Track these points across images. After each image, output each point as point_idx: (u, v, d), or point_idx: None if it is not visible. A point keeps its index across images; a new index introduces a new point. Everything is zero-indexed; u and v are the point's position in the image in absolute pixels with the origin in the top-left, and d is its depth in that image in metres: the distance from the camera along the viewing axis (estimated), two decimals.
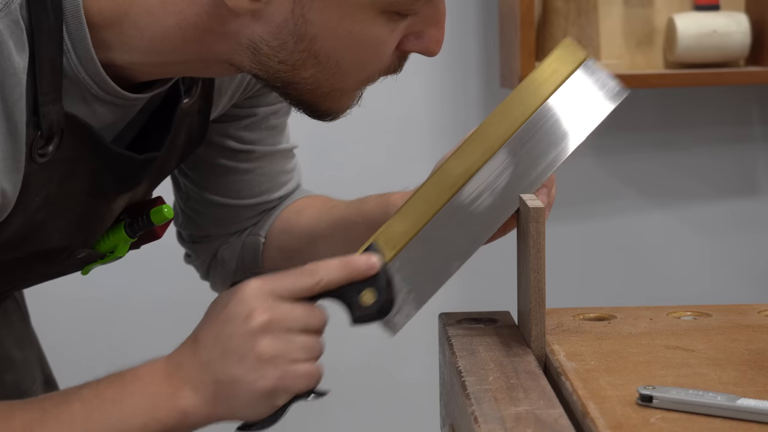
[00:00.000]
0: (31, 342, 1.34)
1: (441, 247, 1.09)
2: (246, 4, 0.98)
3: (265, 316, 1.02)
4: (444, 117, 2.35)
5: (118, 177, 1.10)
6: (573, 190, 2.38)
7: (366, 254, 1.06)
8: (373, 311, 1.06)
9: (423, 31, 1.05)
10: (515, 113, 1.09)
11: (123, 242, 1.17)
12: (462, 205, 1.09)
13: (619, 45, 2.28)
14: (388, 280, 1.06)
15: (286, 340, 1.02)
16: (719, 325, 1.13)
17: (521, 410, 0.90)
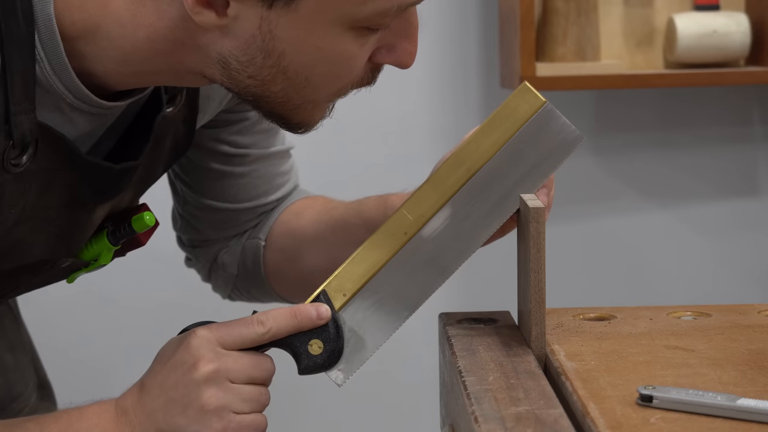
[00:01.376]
0: (24, 345, 1.34)
1: (392, 296, 1.08)
2: (213, 20, 0.98)
3: (210, 366, 1.02)
4: (444, 117, 2.35)
5: (96, 187, 1.09)
6: (573, 190, 2.38)
7: (316, 303, 1.06)
8: (320, 361, 1.06)
9: (395, 44, 1.04)
10: (471, 160, 1.09)
11: (106, 250, 1.17)
12: (414, 254, 1.09)
13: (619, 45, 2.28)
14: (337, 329, 1.06)
15: (231, 391, 1.02)
16: (719, 325, 1.13)
17: (521, 410, 0.90)
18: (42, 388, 1.37)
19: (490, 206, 1.09)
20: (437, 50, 2.32)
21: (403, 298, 1.09)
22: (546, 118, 1.09)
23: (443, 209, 1.09)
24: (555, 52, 2.20)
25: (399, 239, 1.09)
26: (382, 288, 1.08)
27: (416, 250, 1.09)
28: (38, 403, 1.34)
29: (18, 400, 1.28)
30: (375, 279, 1.08)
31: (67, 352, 2.26)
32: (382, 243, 1.09)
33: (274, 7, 0.97)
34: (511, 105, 1.09)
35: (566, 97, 2.30)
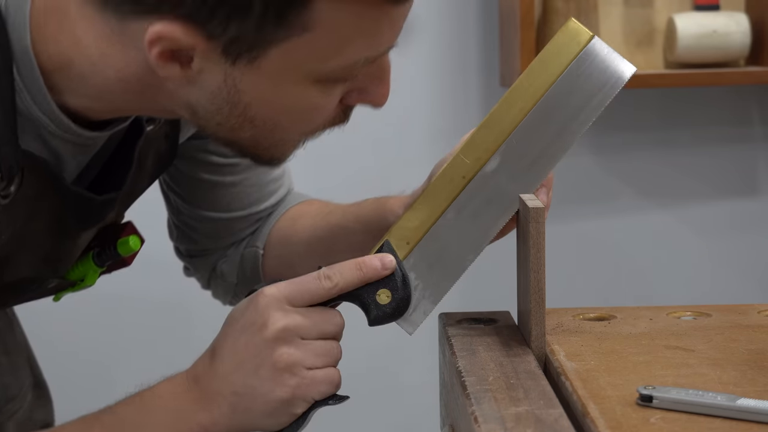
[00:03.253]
0: (19, 346, 1.34)
1: (454, 241, 1.09)
2: (177, 73, 0.98)
3: (279, 324, 1.02)
4: (444, 117, 2.35)
5: (80, 215, 1.10)
6: (573, 190, 2.38)
7: (380, 254, 1.06)
8: (389, 310, 1.06)
9: (367, 87, 1.04)
10: (521, 101, 1.09)
11: (92, 271, 1.17)
12: (473, 196, 1.09)
13: (619, 45, 2.28)
14: (403, 278, 1.07)
15: (302, 347, 1.02)
16: (719, 325, 1.13)
17: (521, 410, 0.90)
18: (38, 387, 1.37)
19: (547, 143, 1.09)
20: (437, 50, 2.32)
21: (465, 242, 1.09)
22: (595, 52, 1.09)
23: (500, 150, 1.09)
24: None
25: (458, 184, 1.08)
26: (444, 234, 1.08)
27: (476, 192, 1.08)
28: (34, 403, 1.34)
29: (13, 401, 1.28)
30: (437, 225, 1.08)
31: (63, 351, 2.26)
32: (441, 189, 1.09)
33: (237, 64, 0.97)
34: (558, 41, 1.09)
35: None
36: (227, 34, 0.94)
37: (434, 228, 1.08)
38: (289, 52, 0.96)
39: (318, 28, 0.95)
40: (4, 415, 1.26)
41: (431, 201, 1.09)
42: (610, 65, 1.09)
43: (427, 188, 1.09)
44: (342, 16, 0.95)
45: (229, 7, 0.93)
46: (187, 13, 0.93)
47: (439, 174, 1.09)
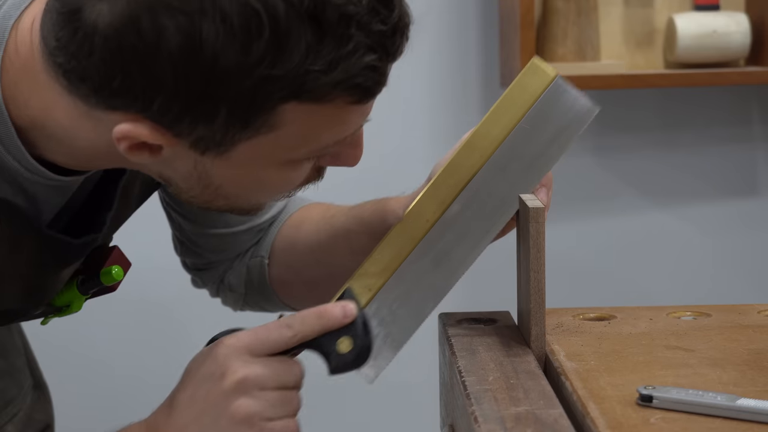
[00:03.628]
0: (17, 348, 1.34)
1: (417, 287, 1.08)
2: (147, 159, 0.98)
3: (239, 374, 1.01)
4: (444, 117, 2.34)
5: (58, 256, 1.10)
6: (573, 190, 2.37)
7: (341, 302, 1.05)
8: (350, 359, 1.06)
9: (340, 152, 1.04)
10: (486, 141, 1.08)
11: (77, 299, 1.18)
12: (437, 241, 1.08)
13: (619, 45, 2.28)
14: (364, 326, 1.05)
15: (261, 398, 1.01)
16: (719, 325, 1.13)
17: (521, 410, 0.90)
18: (38, 389, 1.37)
19: (512, 183, 1.09)
20: (437, 50, 2.32)
21: (428, 288, 1.08)
22: (558, 92, 1.08)
23: (463, 193, 1.08)
24: (555, 52, 2.20)
25: (420, 228, 1.08)
26: (406, 279, 1.08)
27: (438, 237, 1.08)
28: (33, 405, 1.34)
29: (12, 404, 1.28)
30: (399, 271, 1.08)
31: (63, 352, 2.26)
32: (404, 234, 1.08)
33: (206, 154, 0.98)
34: (522, 82, 1.08)
35: None
36: (194, 134, 0.95)
37: (396, 274, 1.07)
38: (257, 147, 0.97)
39: (284, 127, 0.96)
40: (3, 418, 1.26)
41: (394, 246, 1.08)
42: (574, 104, 1.09)
43: (390, 233, 1.09)
44: (308, 116, 0.95)
45: (194, 114, 0.94)
46: (153, 116, 0.94)
47: (402, 219, 1.09)
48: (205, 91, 0.92)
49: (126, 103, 0.94)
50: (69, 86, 0.97)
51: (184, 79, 0.91)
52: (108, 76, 0.93)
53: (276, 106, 0.94)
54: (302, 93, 0.93)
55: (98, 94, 0.95)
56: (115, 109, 0.95)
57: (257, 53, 0.91)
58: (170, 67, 0.91)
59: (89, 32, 0.92)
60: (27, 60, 1.00)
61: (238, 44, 0.90)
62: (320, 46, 0.92)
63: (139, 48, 0.91)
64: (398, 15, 0.97)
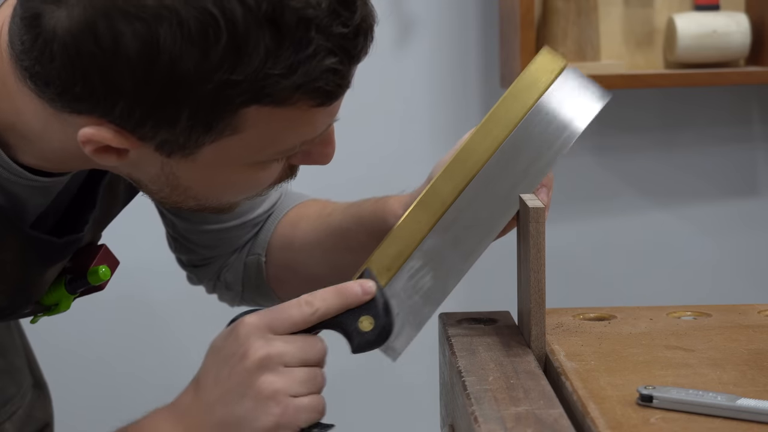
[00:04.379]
0: (17, 347, 1.34)
1: (437, 266, 1.08)
2: (114, 161, 0.99)
3: (261, 352, 1.01)
4: (444, 117, 2.34)
5: (42, 256, 1.10)
6: (573, 190, 2.37)
7: (360, 280, 1.06)
8: (372, 337, 1.06)
9: (311, 150, 1.04)
10: (500, 125, 1.09)
11: (65, 298, 1.18)
12: (454, 221, 1.09)
13: (619, 45, 2.28)
14: (385, 304, 1.06)
15: (285, 374, 1.02)
16: (719, 325, 1.13)
17: (521, 410, 0.90)
18: (38, 387, 1.37)
19: (526, 166, 1.09)
20: (437, 50, 2.32)
21: (447, 267, 1.08)
22: (569, 79, 1.09)
23: (479, 175, 1.09)
24: None
25: (437, 210, 1.08)
26: (425, 260, 1.08)
27: (455, 218, 1.08)
28: (33, 404, 1.34)
29: (11, 402, 1.28)
30: (417, 251, 1.08)
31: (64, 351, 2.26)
32: (421, 215, 1.08)
33: (172, 156, 0.98)
34: (533, 70, 1.09)
35: None
36: (157, 138, 0.96)
37: (415, 254, 1.08)
38: (223, 149, 0.97)
39: (248, 129, 0.96)
40: (2, 416, 1.26)
41: (411, 227, 1.08)
42: (584, 92, 1.09)
43: (407, 214, 1.09)
44: (271, 119, 0.95)
45: (156, 118, 0.94)
46: (116, 120, 0.94)
47: (419, 200, 1.09)
48: (165, 96, 0.92)
49: (89, 107, 0.95)
50: (36, 89, 0.97)
51: (144, 84, 0.92)
52: (69, 81, 0.94)
53: (237, 110, 0.94)
54: (263, 97, 0.93)
55: (62, 98, 0.95)
56: (80, 112, 0.96)
57: (216, 58, 0.91)
58: (129, 72, 0.91)
59: (49, 38, 0.93)
60: None
61: (196, 49, 0.90)
62: (279, 51, 0.92)
63: (97, 54, 0.91)
64: (360, 17, 0.96)
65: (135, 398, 2.17)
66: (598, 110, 1.10)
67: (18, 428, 1.28)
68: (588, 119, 1.10)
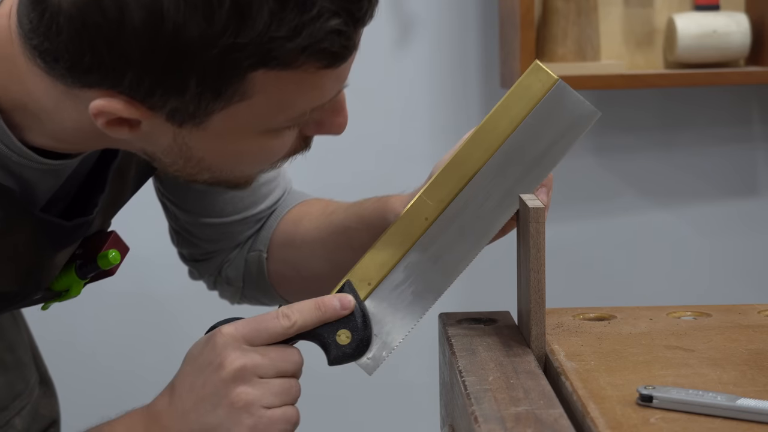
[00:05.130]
0: (24, 343, 1.34)
1: (417, 282, 1.09)
2: (127, 134, 0.99)
3: (237, 363, 1.02)
4: (444, 117, 2.34)
5: (52, 239, 1.10)
6: (573, 190, 2.38)
7: (340, 294, 1.06)
8: (349, 351, 1.06)
9: (323, 119, 1.04)
10: (487, 142, 1.09)
11: (76, 283, 1.18)
12: (436, 238, 1.09)
13: (619, 45, 2.28)
14: (363, 318, 1.06)
15: (260, 386, 1.02)
16: (719, 325, 1.13)
17: (521, 410, 0.90)
18: (43, 384, 1.37)
19: (511, 185, 1.09)
20: (437, 50, 2.32)
21: (427, 283, 1.09)
22: (559, 96, 1.09)
23: (463, 192, 1.09)
24: (555, 52, 2.20)
25: (420, 225, 1.09)
26: (406, 274, 1.08)
27: (438, 234, 1.09)
28: (40, 400, 1.34)
29: (19, 397, 1.28)
30: (398, 266, 1.08)
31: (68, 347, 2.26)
32: (404, 230, 1.09)
33: (183, 126, 0.98)
34: (524, 84, 1.09)
35: None
36: (168, 106, 0.96)
37: (396, 268, 1.08)
38: (233, 116, 0.97)
39: (257, 95, 0.96)
40: (11, 411, 1.26)
41: (393, 241, 1.09)
42: (575, 108, 1.09)
43: (390, 228, 1.09)
44: (280, 83, 0.95)
45: (165, 87, 0.94)
46: (126, 90, 0.95)
47: (402, 214, 1.09)
48: (172, 63, 0.92)
49: (98, 79, 0.95)
50: (46, 67, 0.97)
51: (150, 53, 0.92)
52: (78, 54, 0.94)
53: (245, 75, 0.94)
54: (269, 60, 0.93)
55: (72, 73, 0.96)
56: (90, 86, 0.96)
57: (220, 23, 0.91)
58: (135, 42, 0.92)
59: (55, 12, 0.93)
60: (5, 45, 1.00)
61: (200, 15, 0.91)
62: (283, 13, 0.92)
63: (103, 25, 0.92)
64: None
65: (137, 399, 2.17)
66: (587, 128, 1.10)
67: (26, 424, 1.29)
68: (577, 137, 1.10)
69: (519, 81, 1.09)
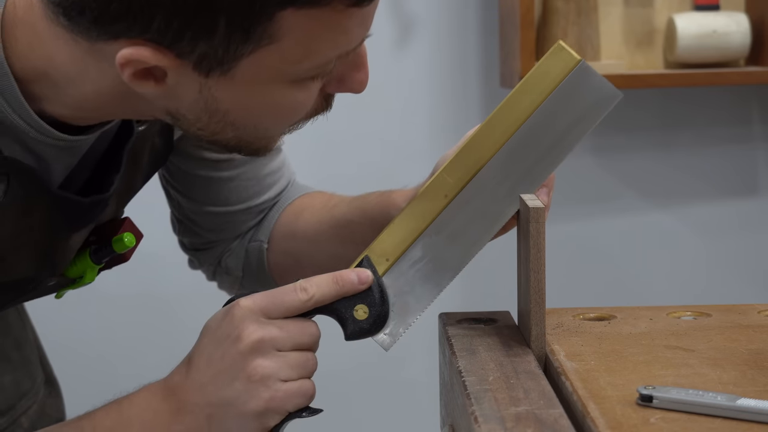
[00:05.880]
0: (30, 342, 1.35)
1: (435, 260, 1.09)
2: (152, 89, 0.98)
3: (254, 336, 1.02)
4: (444, 117, 2.35)
5: (68, 218, 1.10)
6: (573, 190, 2.38)
7: (358, 269, 1.06)
8: (366, 326, 1.06)
9: (345, 75, 1.04)
10: (507, 122, 1.09)
11: (90, 268, 1.18)
12: (454, 216, 1.09)
13: (619, 45, 2.28)
14: (381, 294, 1.06)
15: (277, 359, 1.02)
16: (719, 325, 1.13)
17: (521, 410, 0.90)
18: (49, 383, 1.38)
19: (530, 165, 1.09)
20: (437, 50, 2.32)
21: (445, 261, 1.09)
22: (582, 77, 1.09)
23: (483, 171, 1.09)
24: None
25: (439, 202, 1.09)
26: (424, 252, 1.08)
27: (457, 212, 1.09)
28: (46, 399, 1.34)
29: (26, 396, 1.28)
30: (417, 243, 1.08)
31: (72, 348, 2.26)
32: (423, 207, 1.09)
33: (210, 76, 0.98)
34: (546, 64, 1.09)
35: None
36: (196, 52, 0.95)
37: (414, 245, 1.08)
38: (261, 61, 0.97)
39: (285, 37, 0.95)
40: (18, 410, 1.26)
41: (412, 218, 1.09)
42: (597, 89, 1.09)
43: (409, 205, 1.09)
44: (307, 23, 0.95)
45: (194, 29, 0.94)
46: (154, 37, 0.94)
47: (422, 191, 1.09)
48: (202, 3, 0.92)
49: (126, 26, 0.94)
50: (69, 24, 0.97)
51: None
52: (105, 3, 0.93)
53: (273, 14, 0.93)
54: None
55: (98, 24, 0.95)
56: (117, 36, 0.95)
57: None
58: None
59: None
60: (25, 12, 1.00)
61: None
62: None
63: None
64: None
65: None
66: (608, 110, 1.10)
67: (33, 424, 1.29)
68: (597, 119, 1.10)
69: (541, 61, 1.09)
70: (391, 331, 1.08)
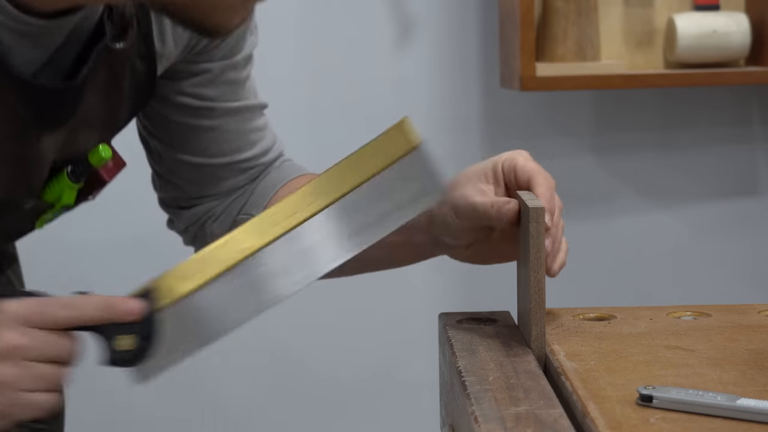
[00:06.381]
0: None
1: (213, 311, 1.05)
2: None
3: (7, 341, 1.01)
4: (443, 117, 2.34)
5: (38, 111, 1.09)
6: (573, 190, 2.38)
7: (132, 300, 1.04)
8: (126, 357, 1.03)
9: None
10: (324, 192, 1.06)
11: (68, 188, 1.17)
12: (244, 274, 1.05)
13: (619, 45, 2.28)
14: (153, 328, 1.03)
15: (23, 367, 1.01)
16: (719, 325, 1.13)
17: (521, 410, 0.90)
18: None
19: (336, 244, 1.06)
20: (437, 50, 2.32)
21: (222, 316, 1.05)
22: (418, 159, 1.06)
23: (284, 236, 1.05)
24: (555, 52, 2.20)
25: (235, 256, 1.05)
26: (207, 300, 1.05)
27: (248, 270, 1.05)
28: None
29: None
30: (203, 288, 1.05)
31: None
32: (221, 254, 1.05)
33: None
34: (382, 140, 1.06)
35: (566, 97, 2.30)
36: None
37: (200, 290, 1.05)
38: None
39: None
40: None
41: (208, 262, 1.05)
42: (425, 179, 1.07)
43: (210, 248, 1.05)
44: None
45: None
46: None
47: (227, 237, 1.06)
48: None
49: None
50: None
51: None
52: None
53: None
54: None
55: None
56: None
57: None
58: None
59: None
60: None
61: None
62: None
63: None
64: None
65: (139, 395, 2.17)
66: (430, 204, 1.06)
67: None
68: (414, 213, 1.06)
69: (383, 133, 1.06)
70: (149, 368, 1.04)
